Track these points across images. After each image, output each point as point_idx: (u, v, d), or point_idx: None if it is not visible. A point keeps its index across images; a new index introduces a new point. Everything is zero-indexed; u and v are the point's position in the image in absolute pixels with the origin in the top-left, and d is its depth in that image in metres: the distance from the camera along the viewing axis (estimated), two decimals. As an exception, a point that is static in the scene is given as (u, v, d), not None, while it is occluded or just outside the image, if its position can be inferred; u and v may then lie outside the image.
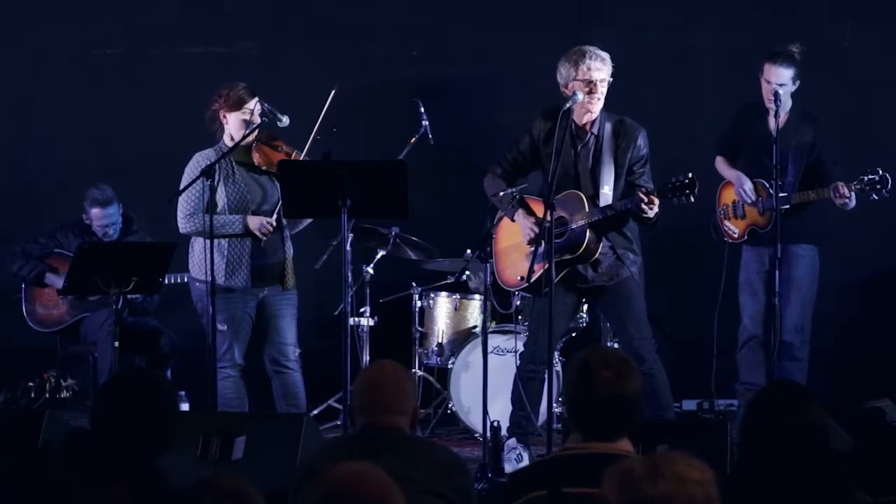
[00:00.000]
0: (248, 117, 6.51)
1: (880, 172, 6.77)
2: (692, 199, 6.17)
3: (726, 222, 7.21)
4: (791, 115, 7.07)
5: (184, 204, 6.50)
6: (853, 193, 6.83)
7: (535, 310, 6.62)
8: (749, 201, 7.06)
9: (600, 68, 6.26)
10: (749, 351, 7.24)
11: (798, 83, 7.02)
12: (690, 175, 6.16)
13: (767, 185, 7.01)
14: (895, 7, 8.03)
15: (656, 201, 6.12)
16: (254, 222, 6.48)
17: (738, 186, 7.09)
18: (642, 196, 6.10)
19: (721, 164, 7.25)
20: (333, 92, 6.39)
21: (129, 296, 6.93)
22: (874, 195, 6.80)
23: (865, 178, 6.79)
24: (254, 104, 6.53)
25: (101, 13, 8.48)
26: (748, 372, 7.25)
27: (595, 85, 6.26)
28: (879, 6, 8.06)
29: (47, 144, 8.48)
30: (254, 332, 6.65)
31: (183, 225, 6.54)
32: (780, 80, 6.98)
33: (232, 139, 6.54)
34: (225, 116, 6.56)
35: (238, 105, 6.53)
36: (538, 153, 6.39)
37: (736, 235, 7.21)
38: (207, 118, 6.62)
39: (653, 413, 6.18)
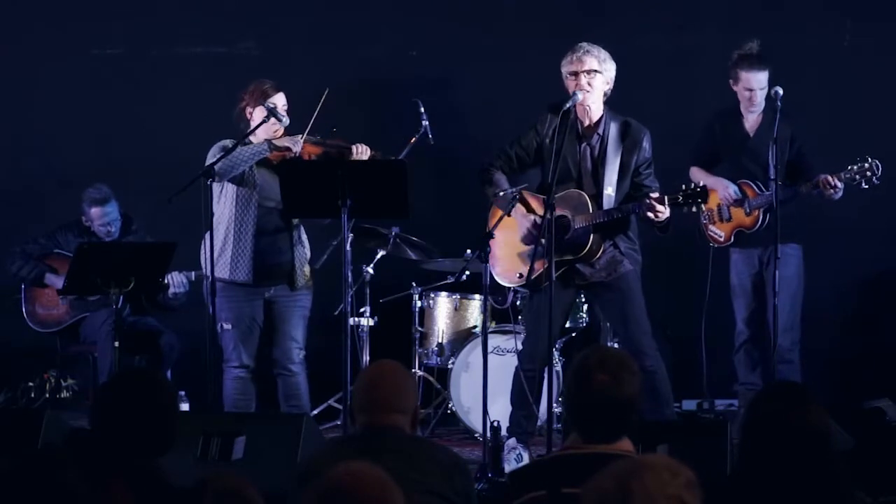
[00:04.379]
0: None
1: (869, 160, 6.73)
2: (703, 209, 6.39)
3: (711, 227, 7.19)
4: (765, 114, 7.09)
5: (212, 152, 6.43)
6: (843, 183, 6.81)
7: (532, 308, 6.61)
8: (733, 201, 7.02)
9: (584, 59, 6.25)
10: (745, 353, 7.26)
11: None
12: (703, 184, 6.30)
13: (753, 185, 7.03)
14: (895, 7, 8.02)
15: (665, 208, 6.11)
16: (282, 142, 6.42)
17: (722, 190, 7.07)
18: (651, 202, 6.09)
19: (698, 173, 7.22)
20: (326, 93, 6.38)
21: (171, 291, 7.18)
22: (864, 183, 6.76)
23: (855, 168, 6.75)
24: (278, 99, 6.51)
25: (101, 13, 8.48)
26: (746, 373, 7.27)
27: (578, 74, 6.25)
28: (879, 6, 8.06)
29: (47, 144, 8.48)
30: (262, 332, 6.64)
31: (210, 160, 6.38)
32: (761, 84, 7.02)
33: (255, 136, 6.52)
34: (250, 113, 6.54)
35: (263, 97, 6.50)
36: (542, 149, 6.38)
37: (721, 239, 7.19)
38: (235, 117, 6.61)
39: (652, 408, 6.14)
